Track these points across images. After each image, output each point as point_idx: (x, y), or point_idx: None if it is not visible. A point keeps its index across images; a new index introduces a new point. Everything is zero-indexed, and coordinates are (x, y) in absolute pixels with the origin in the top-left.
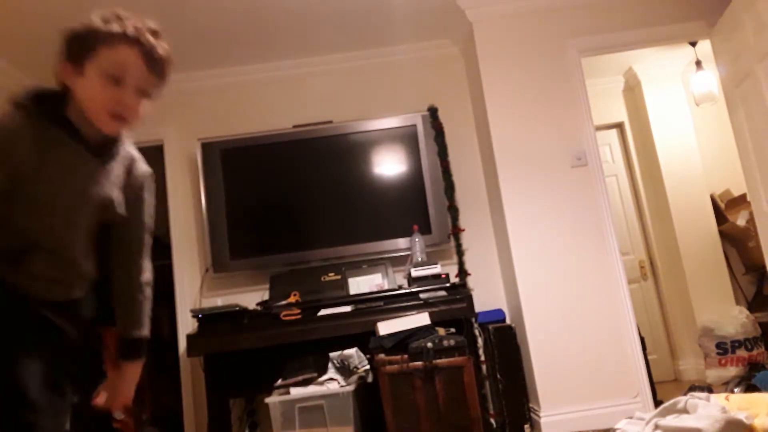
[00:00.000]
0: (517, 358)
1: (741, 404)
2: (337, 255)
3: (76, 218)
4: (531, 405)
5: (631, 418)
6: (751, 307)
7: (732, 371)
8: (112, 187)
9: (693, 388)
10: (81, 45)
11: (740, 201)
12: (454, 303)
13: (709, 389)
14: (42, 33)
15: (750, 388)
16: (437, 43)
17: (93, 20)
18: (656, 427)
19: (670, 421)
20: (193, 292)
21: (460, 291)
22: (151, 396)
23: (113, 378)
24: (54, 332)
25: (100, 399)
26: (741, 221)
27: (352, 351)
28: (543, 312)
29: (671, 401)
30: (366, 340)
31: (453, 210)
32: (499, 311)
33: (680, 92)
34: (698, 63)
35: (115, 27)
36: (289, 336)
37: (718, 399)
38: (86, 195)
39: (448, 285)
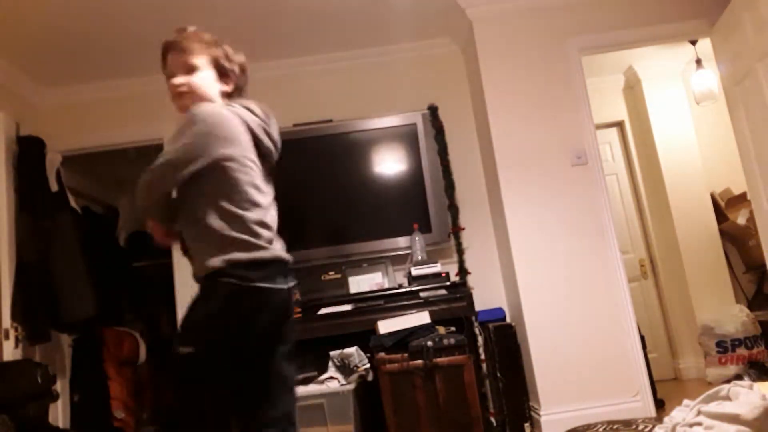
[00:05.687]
0: (517, 357)
1: None
2: (338, 254)
3: None
4: (531, 403)
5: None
6: (752, 305)
7: (732, 370)
8: None
9: (738, 377)
10: None
11: (740, 199)
12: (454, 302)
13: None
14: (42, 33)
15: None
16: (437, 41)
17: None
18: (699, 412)
19: (713, 407)
20: (193, 291)
21: (460, 290)
22: (151, 395)
23: None
24: None
25: None
26: (741, 220)
27: (353, 350)
28: (543, 310)
29: (715, 389)
30: (366, 338)
31: (453, 209)
32: (499, 310)
33: (680, 91)
34: (698, 61)
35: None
36: None
37: (761, 387)
38: None
39: (448, 284)
